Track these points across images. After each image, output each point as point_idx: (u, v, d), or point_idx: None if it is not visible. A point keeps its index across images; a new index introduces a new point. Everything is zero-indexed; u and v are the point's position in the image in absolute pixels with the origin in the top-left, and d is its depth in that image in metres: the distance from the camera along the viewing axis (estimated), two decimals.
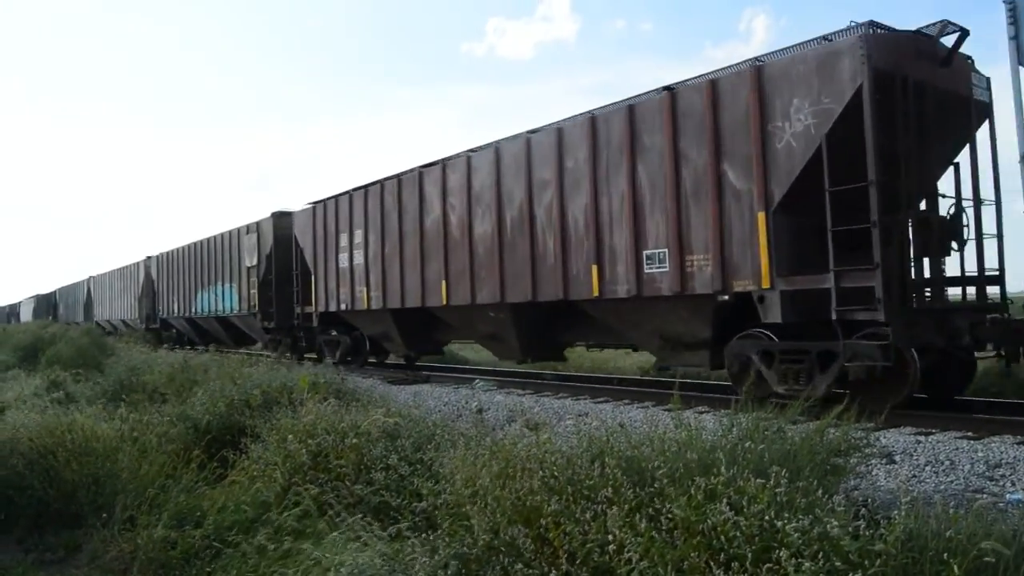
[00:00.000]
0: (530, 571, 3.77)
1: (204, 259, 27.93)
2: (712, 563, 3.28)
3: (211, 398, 8.77)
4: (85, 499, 6.77)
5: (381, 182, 17.52)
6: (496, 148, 13.98)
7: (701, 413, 9.29)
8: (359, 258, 18.27)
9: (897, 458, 7.11)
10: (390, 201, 17.05)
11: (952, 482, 6.42)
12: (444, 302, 15.17)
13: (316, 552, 4.36)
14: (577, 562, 3.71)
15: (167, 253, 33.04)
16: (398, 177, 16.93)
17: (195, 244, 29.12)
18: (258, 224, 23.42)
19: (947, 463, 6.91)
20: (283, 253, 22.07)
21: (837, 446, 4.91)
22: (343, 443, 6.07)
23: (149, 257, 36.10)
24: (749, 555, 3.22)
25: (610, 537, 3.59)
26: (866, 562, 3.10)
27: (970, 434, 7.95)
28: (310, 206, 20.70)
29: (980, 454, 7.08)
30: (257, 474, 6.23)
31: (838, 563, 3.11)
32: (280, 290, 22.01)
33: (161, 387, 11.34)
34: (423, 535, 4.40)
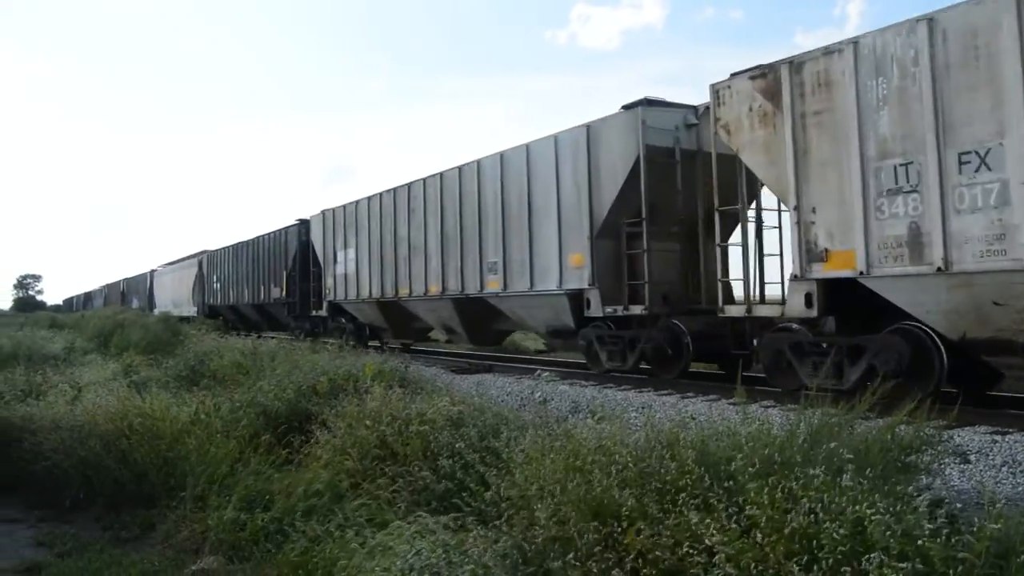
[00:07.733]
0: (592, 569, 3.72)
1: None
2: (793, 563, 3.21)
3: (279, 384, 8.92)
4: (156, 480, 6.98)
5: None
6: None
7: (767, 408, 9.12)
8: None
9: (972, 457, 6.88)
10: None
11: None
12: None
13: (387, 540, 4.38)
14: (647, 560, 3.65)
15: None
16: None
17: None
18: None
19: None
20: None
21: (909, 443, 4.77)
22: (408, 430, 6.12)
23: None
24: (837, 558, 3.14)
25: (687, 534, 3.53)
26: (950, 572, 3.00)
27: None
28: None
29: None
30: (327, 460, 6.31)
31: (921, 567, 3.01)
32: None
33: (231, 374, 11.56)
34: (488, 526, 4.40)
